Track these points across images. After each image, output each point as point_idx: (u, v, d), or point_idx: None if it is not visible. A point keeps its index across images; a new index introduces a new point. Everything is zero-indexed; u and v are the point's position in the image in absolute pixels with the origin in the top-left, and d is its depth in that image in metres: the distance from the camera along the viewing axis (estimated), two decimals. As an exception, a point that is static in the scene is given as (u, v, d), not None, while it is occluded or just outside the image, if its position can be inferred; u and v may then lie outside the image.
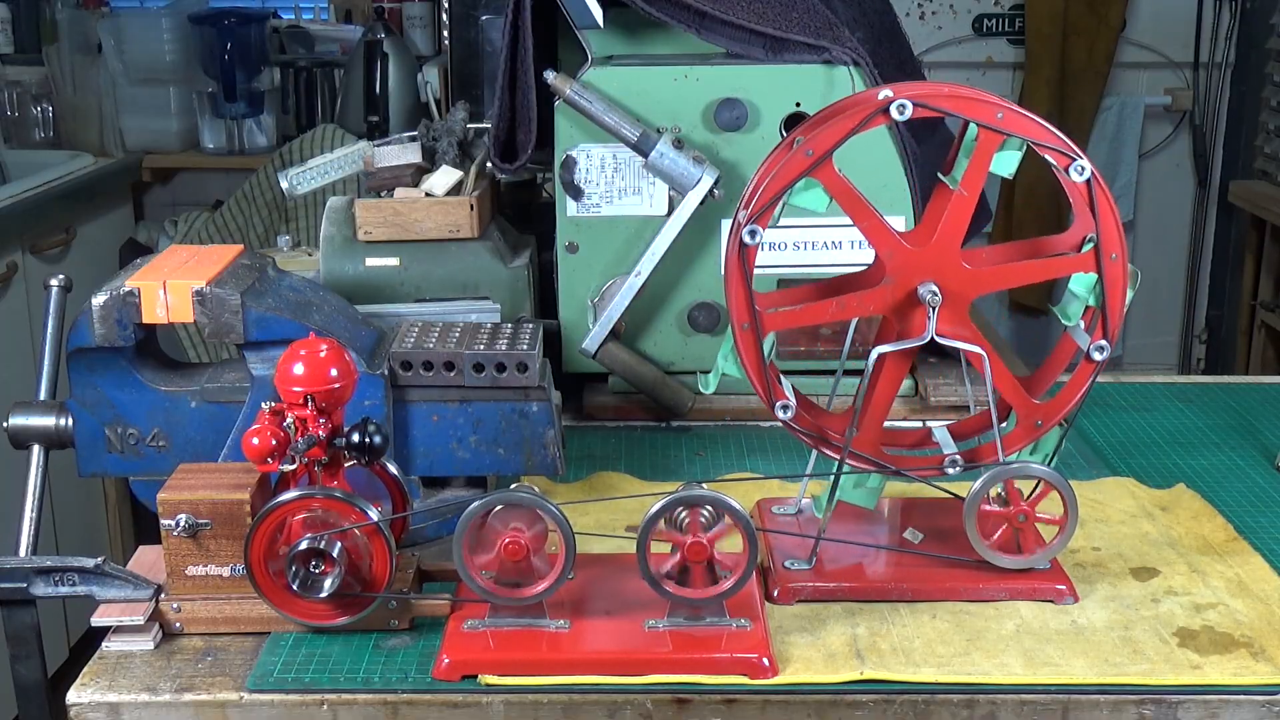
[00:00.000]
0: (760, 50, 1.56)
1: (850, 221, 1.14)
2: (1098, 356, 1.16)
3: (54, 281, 1.30)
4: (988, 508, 1.16)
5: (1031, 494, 1.17)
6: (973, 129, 1.12)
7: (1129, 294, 1.17)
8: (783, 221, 1.49)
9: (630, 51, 1.65)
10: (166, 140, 3.70)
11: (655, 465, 1.49)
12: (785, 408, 1.17)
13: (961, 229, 1.13)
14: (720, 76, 1.56)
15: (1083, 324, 1.16)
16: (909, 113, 1.10)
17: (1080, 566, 1.23)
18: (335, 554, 1.05)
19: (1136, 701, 1.04)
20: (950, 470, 1.19)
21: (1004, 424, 1.19)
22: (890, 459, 1.20)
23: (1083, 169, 1.11)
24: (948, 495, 1.22)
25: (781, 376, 1.19)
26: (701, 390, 1.23)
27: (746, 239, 1.13)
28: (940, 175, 1.15)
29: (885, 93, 1.10)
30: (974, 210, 1.13)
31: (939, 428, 1.25)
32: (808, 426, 1.19)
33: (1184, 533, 1.30)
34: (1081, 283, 1.15)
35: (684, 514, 1.07)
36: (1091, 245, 1.13)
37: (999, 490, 1.17)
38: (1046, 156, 1.12)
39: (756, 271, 1.14)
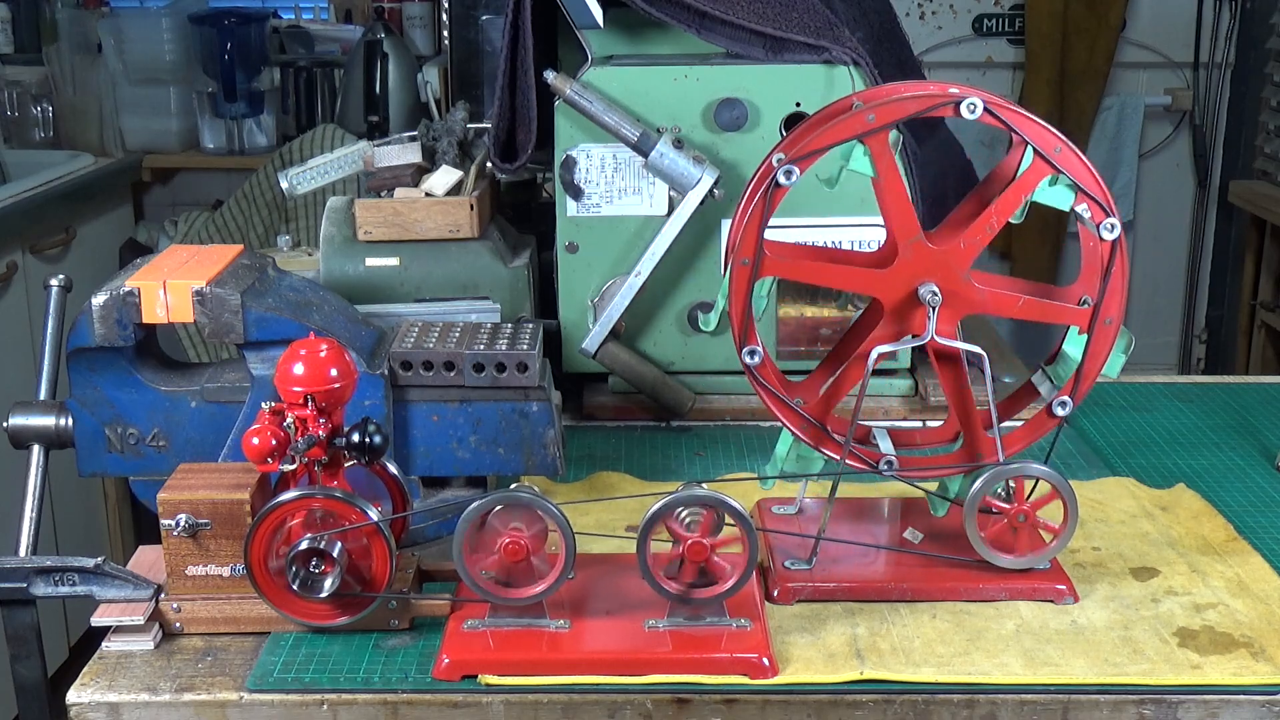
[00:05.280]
0: (760, 50, 1.55)
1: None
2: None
3: (54, 281, 1.30)
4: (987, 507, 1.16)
5: (1030, 493, 1.17)
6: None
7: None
8: (783, 222, 1.50)
9: (630, 51, 1.65)
10: (166, 140, 3.69)
11: (655, 465, 1.49)
12: (890, 464, 1.19)
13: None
14: (720, 76, 1.56)
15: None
16: (796, 175, 1.11)
17: (1080, 566, 1.23)
18: (335, 554, 1.05)
19: (1136, 701, 1.04)
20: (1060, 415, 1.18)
21: (1071, 344, 1.18)
22: (990, 442, 1.19)
23: (974, 106, 1.10)
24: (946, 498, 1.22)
25: (873, 432, 1.20)
26: (762, 486, 1.25)
27: (748, 359, 1.16)
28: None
29: (777, 156, 1.11)
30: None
31: (1038, 377, 1.23)
32: (916, 468, 1.19)
33: (1184, 533, 1.30)
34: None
35: (684, 514, 1.07)
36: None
37: (999, 490, 1.17)
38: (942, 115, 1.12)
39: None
